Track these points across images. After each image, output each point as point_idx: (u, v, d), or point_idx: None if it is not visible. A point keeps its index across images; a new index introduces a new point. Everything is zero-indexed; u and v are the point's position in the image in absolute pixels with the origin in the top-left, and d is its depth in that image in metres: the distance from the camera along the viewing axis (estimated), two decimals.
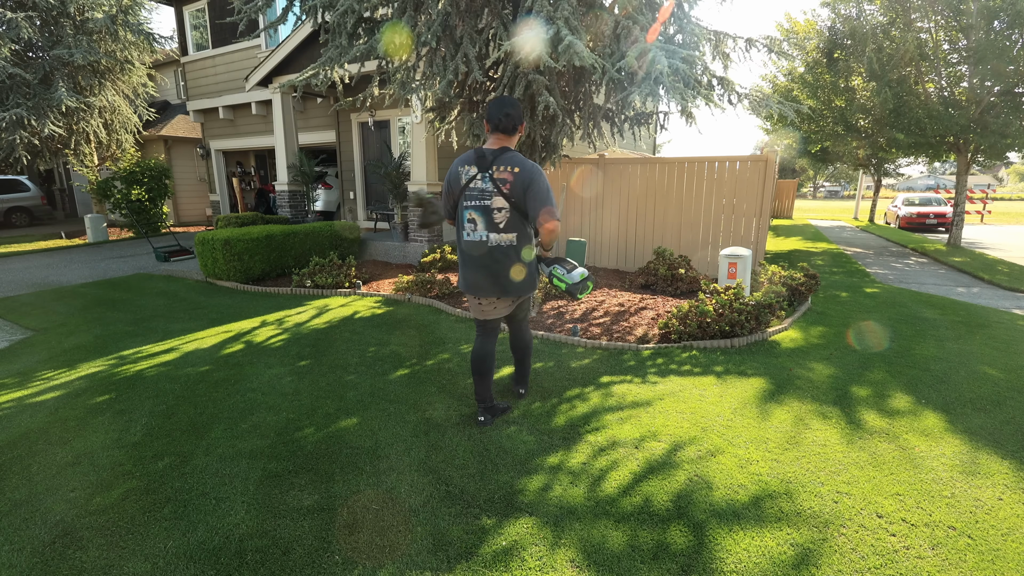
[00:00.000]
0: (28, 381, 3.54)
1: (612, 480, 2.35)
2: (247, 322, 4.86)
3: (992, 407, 3.12)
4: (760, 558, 1.89)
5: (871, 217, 19.37)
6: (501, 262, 2.51)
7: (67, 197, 18.29)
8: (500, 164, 2.44)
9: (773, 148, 6.84)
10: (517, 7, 4.89)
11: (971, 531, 2.03)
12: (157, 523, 2.07)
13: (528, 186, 2.42)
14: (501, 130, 2.48)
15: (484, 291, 2.59)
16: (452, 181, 2.56)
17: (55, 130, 10.96)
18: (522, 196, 2.44)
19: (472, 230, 2.51)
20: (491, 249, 2.50)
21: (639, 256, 7.46)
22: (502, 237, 2.49)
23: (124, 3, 11.70)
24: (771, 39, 11.94)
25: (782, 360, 3.87)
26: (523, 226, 2.52)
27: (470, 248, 2.54)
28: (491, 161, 2.45)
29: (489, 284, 2.56)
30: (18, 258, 9.01)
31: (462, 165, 2.50)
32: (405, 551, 1.92)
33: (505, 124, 2.47)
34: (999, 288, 6.85)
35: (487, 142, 2.52)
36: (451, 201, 2.61)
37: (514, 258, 2.52)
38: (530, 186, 2.42)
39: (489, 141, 2.52)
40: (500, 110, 2.46)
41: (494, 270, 2.53)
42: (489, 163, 2.45)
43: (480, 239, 2.50)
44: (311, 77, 5.53)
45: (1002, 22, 8.66)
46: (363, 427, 2.84)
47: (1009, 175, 61.90)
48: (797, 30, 12.05)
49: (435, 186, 7.48)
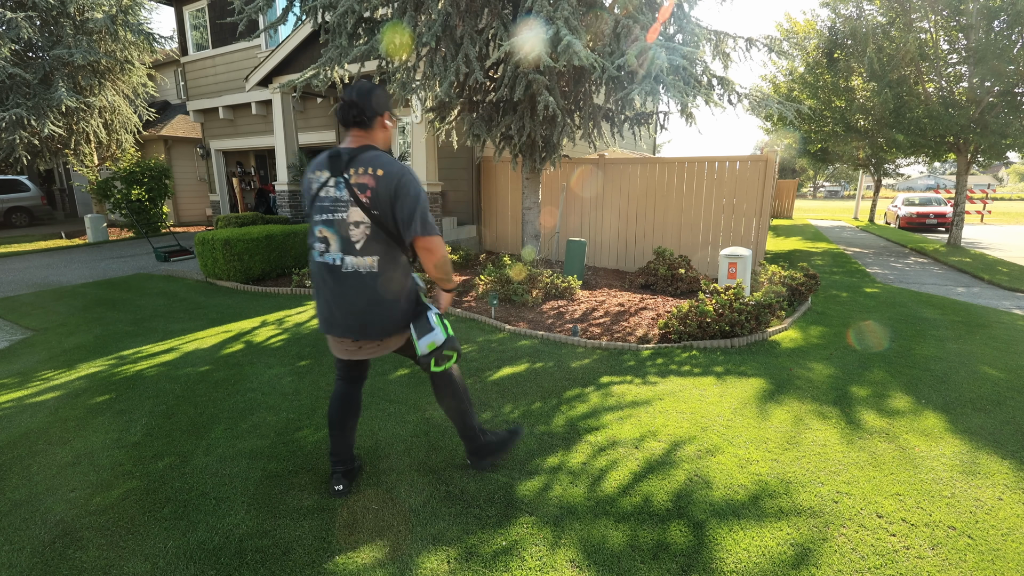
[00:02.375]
0: (28, 381, 3.53)
1: (612, 480, 2.36)
2: (247, 322, 4.86)
3: (992, 407, 3.12)
4: (760, 557, 1.89)
5: (871, 217, 19.38)
6: (359, 293, 1.91)
7: (67, 197, 18.29)
8: (358, 166, 1.84)
9: (773, 148, 6.84)
10: (517, 7, 4.90)
11: (971, 531, 2.03)
12: (157, 523, 2.07)
13: (396, 193, 1.84)
14: (355, 124, 1.90)
15: (337, 329, 1.98)
16: (304, 191, 1.98)
17: (55, 130, 10.96)
18: (388, 207, 1.85)
19: (323, 250, 1.91)
20: (346, 276, 1.90)
21: (639, 256, 7.47)
22: (360, 261, 1.88)
23: (124, 3, 11.70)
24: (771, 39, 11.94)
25: (782, 360, 3.87)
26: (389, 247, 1.92)
27: (320, 272, 1.94)
28: (347, 162, 1.86)
29: (344, 320, 1.95)
30: (18, 258, 9.01)
31: (312, 171, 1.94)
32: (405, 551, 1.92)
33: (356, 116, 1.88)
34: (999, 288, 6.85)
35: (344, 140, 1.95)
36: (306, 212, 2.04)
37: (376, 289, 1.91)
38: (398, 193, 1.84)
39: (346, 139, 1.94)
40: (346, 96, 1.89)
41: (348, 304, 1.92)
42: (344, 165, 1.85)
43: (332, 262, 1.90)
44: (311, 77, 5.54)
45: (1002, 22, 8.66)
46: (363, 427, 2.83)
47: (1009, 175, 61.91)
48: (797, 30, 12.06)
49: (435, 186, 7.49)
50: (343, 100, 1.90)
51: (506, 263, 5.92)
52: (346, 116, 1.90)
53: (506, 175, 8.35)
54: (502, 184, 8.46)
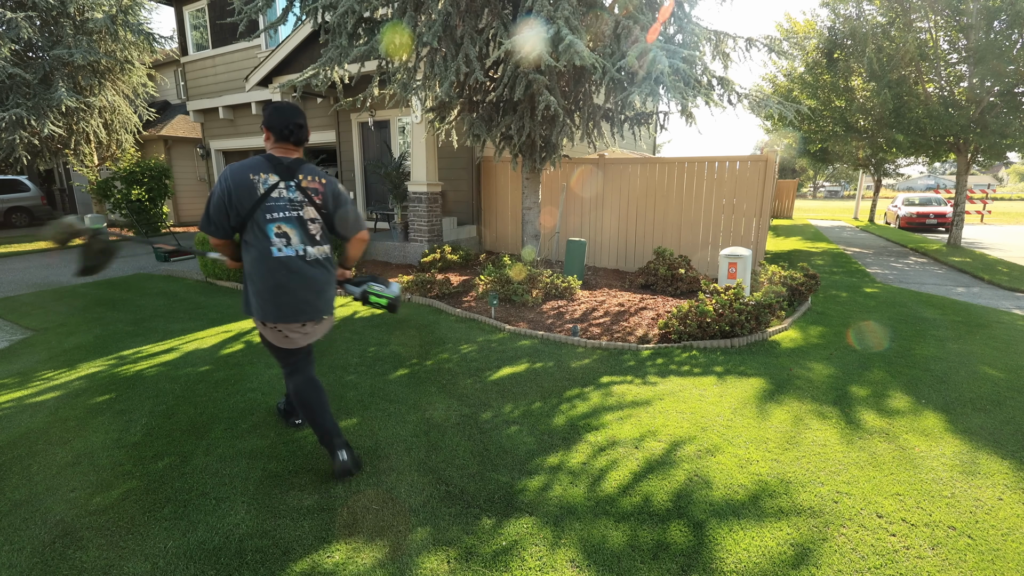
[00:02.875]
0: (28, 381, 3.53)
1: (612, 480, 2.36)
2: (247, 322, 4.86)
3: (992, 407, 3.12)
4: (760, 557, 1.89)
5: (871, 217, 19.38)
6: (322, 277, 2.29)
7: (67, 197, 18.27)
8: (306, 174, 2.22)
9: (773, 148, 6.84)
10: (517, 7, 4.90)
11: (971, 531, 2.03)
12: (157, 523, 2.07)
13: (336, 200, 2.29)
14: (293, 141, 2.22)
15: (306, 313, 2.25)
16: (241, 191, 2.11)
17: (55, 130, 10.96)
18: (332, 207, 2.29)
19: (285, 244, 2.17)
20: (311, 264, 2.23)
21: (639, 256, 7.47)
22: (319, 250, 2.27)
23: (124, 3, 11.69)
24: (771, 39, 11.93)
25: (782, 360, 3.87)
26: (330, 239, 2.37)
27: (284, 265, 2.17)
28: (294, 169, 2.20)
29: (313, 303, 2.27)
30: (18, 258, 9.01)
31: (255, 173, 2.13)
32: (405, 551, 1.92)
33: (298, 136, 2.22)
34: (999, 288, 6.85)
35: (272, 151, 2.23)
36: (236, 214, 2.14)
37: (331, 272, 2.35)
38: (338, 200, 2.29)
39: (275, 150, 2.22)
40: (292, 119, 2.19)
41: (317, 287, 2.27)
42: (293, 171, 2.19)
43: (296, 253, 2.19)
44: (311, 77, 5.54)
45: (1002, 22, 8.66)
46: (363, 427, 2.84)
47: (1009, 175, 61.92)
48: (797, 30, 12.05)
49: (435, 186, 7.49)
50: (293, 122, 2.20)
51: (506, 263, 5.92)
52: (298, 135, 2.22)
53: (506, 175, 8.35)
54: (502, 184, 8.46)
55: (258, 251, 2.16)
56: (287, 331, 2.28)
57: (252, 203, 2.13)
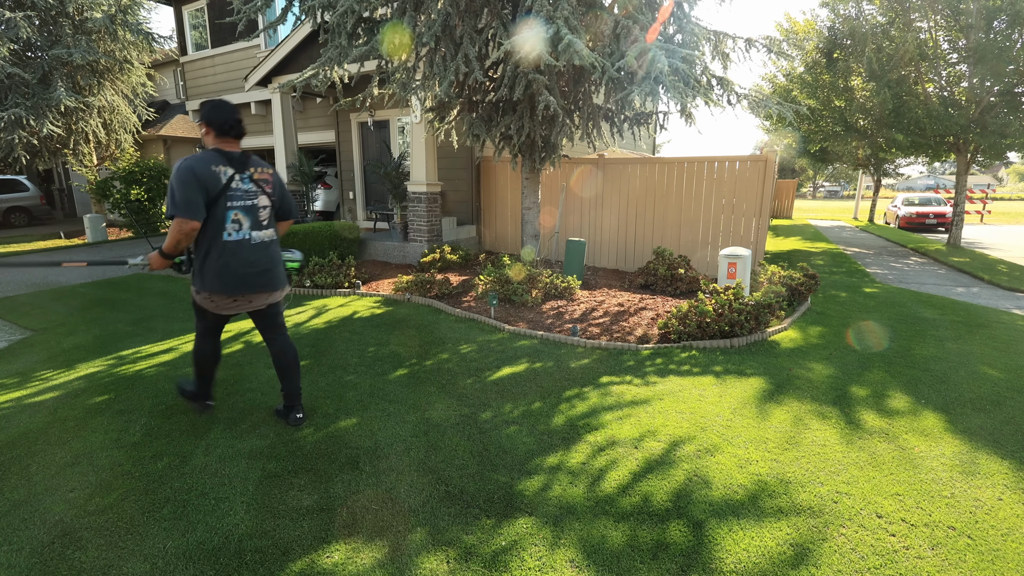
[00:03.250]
0: (27, 381, 3.53)
1: (611, 479, 2.35)
2: (246, 322, 4.85)
3: (992, 407, 3.12)
4: (760, 557, 1.89)
5: (871, 217, 19.38)
6: (271, 257, 2.66)
7: (66, 197, 18.27)
8: (255, 166, 2.57)
9: (773, 148, 6.84)
10: (517, 7, 4.89)
11: (971, 531, 2.03)
12: (156, 523, 2.07)
13: (281, 186, 2.71)
14: (234, 135, 2.52)
15: (253, 286, 2.59)
16: (208, 180, 2.40)
17: (54, 130, 10.95)
18: (279, 196, 2.69)
19: (236, 229, 2.51)
20: (258, 245, 2.59)
21: (639, 256, 7.46)
22: (265, 233, 2.63)
23: (123, 3, 11.68)
24: (770, 39, 11.93)
25: (781, 360, 3.87)
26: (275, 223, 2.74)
27: (236, 248, 2.51)
28: (245, 163, 2.53)
29: (260, 279, 2.61)
30: (18, 258, 9.00)
31: (215, 165, 2.43)
32: (405, 551, 1.92)
33: (238, 130, 2.52)
34: (999, 288, 6.85)
35: (215, 145, 2.49)
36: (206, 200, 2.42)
37: (277, 251, 2.74)
38: (282, 186, 2.72)
39: (219, 144, 2.49)
40: (232, 115, 2.49)
41: (265, 265, 2.63)
42: (244, 164, 2.53)
43: (245, 237, 2.54)
44: (311, 77, 5.53)
45: (1002, 22, 8.66)
46: (362, 427, 2.83)
47: (1009, 175, 61.95)
48: (797, 30, 12.05)
49: (435, 186, 7.49)
50: (234, 118, 2.49)
51: (506, 263, 5.92)
52: (238, 130, 2.53)
53: (506, 175, 8.35)
54: (501, 184, 8.46)
55: (213, 234, 2.46)
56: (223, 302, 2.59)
57: (217, 192, 2.42)
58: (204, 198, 2.38)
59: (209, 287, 2.52)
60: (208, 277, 2.51)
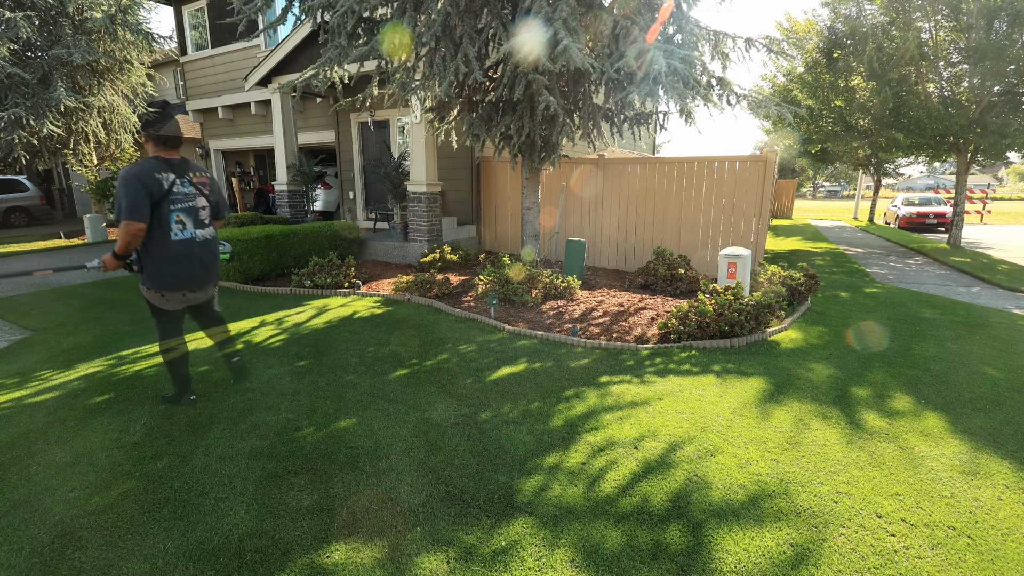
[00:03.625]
0: (27, 381, 3.53)
1: (611, 480, 2.35)
2: (246, 322, 4.85)
3: (992, 407, 3.12)
4: (759, 558, 1.88)
5: (871, 217, 19.38)
6: (212, 252, 2.96)
7: (66, 197, 18.26)
8: (193, 171, 2.85)
9: (773, 148, 6.84)
10: (516, 7, 4.89)
11: (971, 531, 2.03)
12: (156, 523, 2.07)
13: (217, 189, 3.01)
14: (171, 146, 2.77)
15: (199, 281, 2.90)
16: (152, 185, 2.65)
17: (54, 130, 10.94)
18: (215, 198, 2.98)
19: (181, 229, 2.77)
20: (202, 243, 2.87)
21: (639, 256, 7.46)
22: (207, 231, 2.92)
23: (123, 3, 11.67)
24: (770, 39, 11.95)
25: (782, 360, 3.87)
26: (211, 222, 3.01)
27: (182, 247, 2.78)
28: (184, 168, 2.81)
29: (205, 274, 2.92)
30: (17, 258, 9.00)
31: (158, 172, 2.68)
32: (405, 551, 1.92)
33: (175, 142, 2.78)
34: (999, 288, 6.85)
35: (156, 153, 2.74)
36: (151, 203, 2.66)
37: (217, 247, 3.03)
38: (218, 189, 3.02)
39: (159, 152, 2.74)
40: (170, 128, 2.75)
41: (208, 261, 2.92)
42: (184, 170, 2.80)
43: (190, 236, 2.81)
44: (311, 77, 5.53)
45: (1002, 22, 8.66)
46: (362, 427, 2.83)
47: (1009, 175, 61.93)
48: (797, 30, 12.06)
49: (434, 186, 7.48)
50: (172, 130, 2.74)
51: (505, 263, 5.92)
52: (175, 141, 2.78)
53: (506, 175, 8.35)
54: (501, 184, 8.46)
55: (160, 235, 2.70)
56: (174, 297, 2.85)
57: (160, 195, 2.67)
58: (149, 202, 2.62)
59: (160, 285, 2.78)
60: (159, 275, 2.76)
